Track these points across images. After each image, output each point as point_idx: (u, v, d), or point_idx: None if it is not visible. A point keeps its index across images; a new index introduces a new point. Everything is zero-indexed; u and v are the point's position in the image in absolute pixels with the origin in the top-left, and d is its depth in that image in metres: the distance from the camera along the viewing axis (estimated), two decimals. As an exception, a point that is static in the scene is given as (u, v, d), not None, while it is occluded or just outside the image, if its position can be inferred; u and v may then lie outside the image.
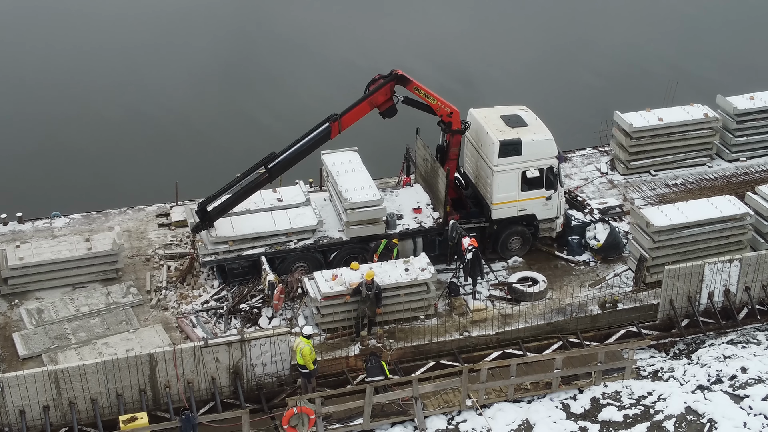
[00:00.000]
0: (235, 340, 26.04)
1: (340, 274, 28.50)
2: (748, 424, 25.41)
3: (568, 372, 27.26)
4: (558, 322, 29.31)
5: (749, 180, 35.84)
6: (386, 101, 30.59)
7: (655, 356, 29.14)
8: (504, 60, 50.85)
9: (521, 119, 31.69)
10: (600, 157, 37.65)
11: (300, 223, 30.31)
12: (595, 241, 32.03)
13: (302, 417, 24.95)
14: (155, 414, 25.61)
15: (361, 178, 30.97)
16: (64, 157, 41.87)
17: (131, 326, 28.65)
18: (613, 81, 48.22)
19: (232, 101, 46.68)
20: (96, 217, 33.60)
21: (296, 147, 30.09)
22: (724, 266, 29.18)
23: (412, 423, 26.12)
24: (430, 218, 31.35)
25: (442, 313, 29.58)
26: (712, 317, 29.60)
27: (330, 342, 28.26)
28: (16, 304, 29.53)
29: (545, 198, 31.52)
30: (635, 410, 26.32)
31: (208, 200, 29.95)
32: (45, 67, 48.53)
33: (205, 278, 30.72)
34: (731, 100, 36.84)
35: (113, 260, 30.39)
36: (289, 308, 29.32)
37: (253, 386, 26.61)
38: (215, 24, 53.69)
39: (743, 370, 27.13)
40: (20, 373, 24.72)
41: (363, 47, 51.18)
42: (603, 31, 54.18)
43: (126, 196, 36.68)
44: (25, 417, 24.86)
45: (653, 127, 35.72)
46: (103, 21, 53.13)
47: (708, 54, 51.28)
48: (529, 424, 26.09)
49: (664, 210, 30.95)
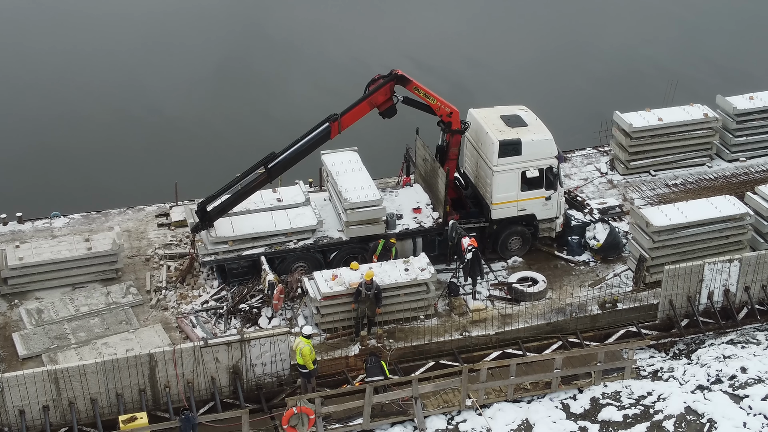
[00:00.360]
0: (235, 340, 26.02)
1: (340, 274, 28.48)
2: (748, 424, 25.40)
3: (567, 372, 27.25)
4: (558, 322, 29.31)
5: (749, 180, 35.82)
6: (386, 101, 30.58)
7: (654, 356, 29.12)
8: (504, 60, 50.80)
9: (521, 119, 31.69)
10: (600, 157, 37.64)
11: (300, 223, 30.30)
12: (594, 241, 32.03)
13: (302, 417, 24.94)
14: (155, 414, 25.58)
15: (361, 178, 30.96)
16: (63, 157, 41.82)
17: (131, 326, 28.64)
18: (613, 81, 48.17)
19: (232, 101, 46.62)
20: (96, 217, 33.58)
21: (296, 147, 30.07)
22: (723, 266, 29.17)
23: (411, 423, 26.11)
24: (429, 218, 31.34)
25: (441, 313, 29.57)
26: (712, 317, 29.59)
27: (330, 342, 28.26)
28: (15, 304, 29.52)
29: (545, 198, 31.51)
30: (635, 410, 26.30)
31: (207, 200, 29.94)
32: (44, 68, 48.47)
33: (204, 278, 30.71)
34: (731, 100, 36.82)
35: (113, 260, 30.38)
36: (288, 308, 29.31)
37: (252, 386, 26.58)
38: (214, 24, 53.62)
39: (743, 370, 27.12)
40: (20, 373, 24.69)
41: (361, 48, 51.11)
42: (603, 31, 54.16)
43: (126, 196, 36.65)
44: (25, 417, 24.84)
45: (653, 127, 35.71)
46: (103, 21, 53.09)
47: (708, 54, 51.24)
48: (528, 424, 26.08)
49: (664, 210, 30.94)
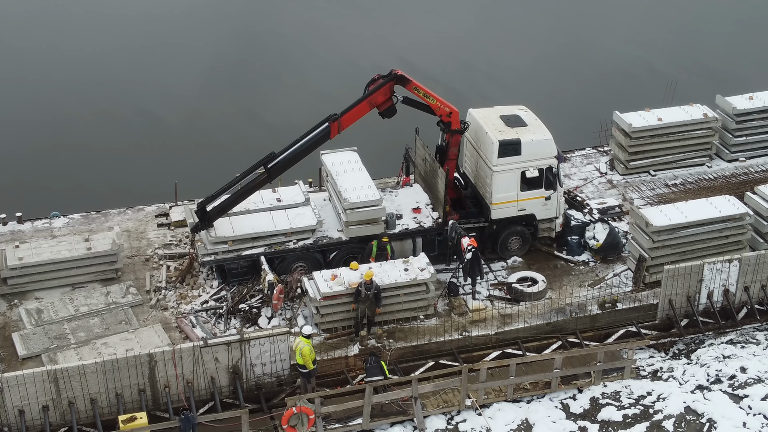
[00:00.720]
0: (235, 340, 26.01)
1: (340, 274, 28.47)
2: (748, 424, 25.40)
3: (567, 372, 27.25)
4: (557, 322, 29.31)
5: (748, 180, 35.81)
6: (386, 101, 30.58)
7: (654, 356, 29.11)
8: (503, 60, 50.78)
9: (520, 119, 31.68)
10: (599, 157, 37.63)
11: (299, 223, 30.29)
12: (594, 241, 32.03)
13: (302, 417, 24.94)
14: (155, 414, 25.58)
15: (361, 178, 30.95)
16: (63, 157, 41.82)
17: (131, 326, 28.63)
18: (613, 81, 48.15)
19: (232, 101, 46.60)
20: (95, 217, 33.58)
21: (296, 147, 30.07)
22: (723, 266, 29.17)
23: (411, 423, 26.10)
24: (429, 218, 31.33)
25: (441, 313, 29.56)
26: (712, 317, 29.59)
27: (329, 342, 28.25)
28: (15, 304, 29.51)
29: (544, 198, 31.51)
30: (635, 410, 26.30)
31: (207, 200, 29.93)
32: (43, 68, 48.43)
33: (204, 278, 30.70)
34: (730, 100, 36.81)
35: (112, 260, 30.37)
36: (288, 308, 29.31)
37: (252, 386, 26.58)
38: (213, 25, 53.58)
39: (742, 369, 27.12)
40: (20, 373, 24.69)
41: (361, 48, 51.12)
42: (602, 31, 54.15)
43: (125, 196, 36.63)
44: (25, 417, 24.83)
45: (652, 127, 35.71)
46: (99, 22, 53.05)
47: (707, 54, 51.23)
48: (528, 424, 26.07)
49: (664, 210, 30.93)
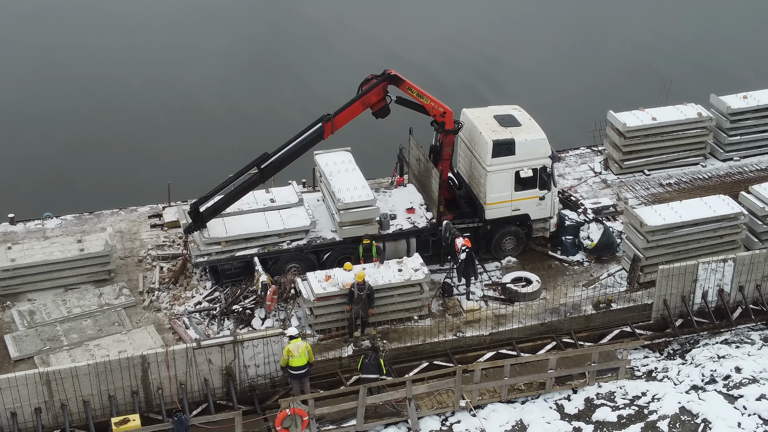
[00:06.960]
0: (228, 341, 25.94)
1: (333, 275, 28.41)
2: (743, 424, 25.37)
3: (562, 372, 27.21)
4: (552, 323, 29.27)
5: (743, 179, 35.83)
6: (379, 101, 30.50)
7: (649, 356, 29.08)
8: (496, 60, 50.81)
9: (514, 119, 31.65)
10: (593, 156, 37.63)
11: (293, 223, 30.22)
12: (588, 241, 32.00)
13: (295, 418, 24.87)
14: (148, 416, 25.49)
15: (354, 178, 30.88)
16: (56, 158, 41.79)
17: (124, 328, 28.55)
18: (607, 80, 48.21)
19: (225, 102, 46.60)
20: (88, 218, 33.51)
21: (289, 147, 29.99)
22: (717, 266, 29.15)
23: (405, 424, 26.05)
24: (423, 218, 31.27)
25: (435, 313, 29.51)
26: (706, 317, 29.56)
27: (323, 343, 28.18)
28: (7, 305, 29.40)
29: (539, 198, 31.48)
30: (629, 410, 26.28)
31: (200, 201, 29.86)
32: (40, 69, 48.47)
33: (197, 279, 30.64)
34: (725, 99, 36.83)
35: (105, 261, 30.28)
36: (282, 309, 29.24)
37: (246, 388, 26.50)
38: (206, 26, 53.58)
39: (737, 369, 27.09)
40: (12, 375, 24.57)
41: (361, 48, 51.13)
42: (596, 30, 54.24)
43: (118, 196, 36.61)
44: (17, 419, 24.70)
45: (647, 126, 35.71)
46: (87, 23, 53.07)
47: (701, 53, 51.30)
48: (522, 425, 26.03)
49: (658, 210, 30.91)
